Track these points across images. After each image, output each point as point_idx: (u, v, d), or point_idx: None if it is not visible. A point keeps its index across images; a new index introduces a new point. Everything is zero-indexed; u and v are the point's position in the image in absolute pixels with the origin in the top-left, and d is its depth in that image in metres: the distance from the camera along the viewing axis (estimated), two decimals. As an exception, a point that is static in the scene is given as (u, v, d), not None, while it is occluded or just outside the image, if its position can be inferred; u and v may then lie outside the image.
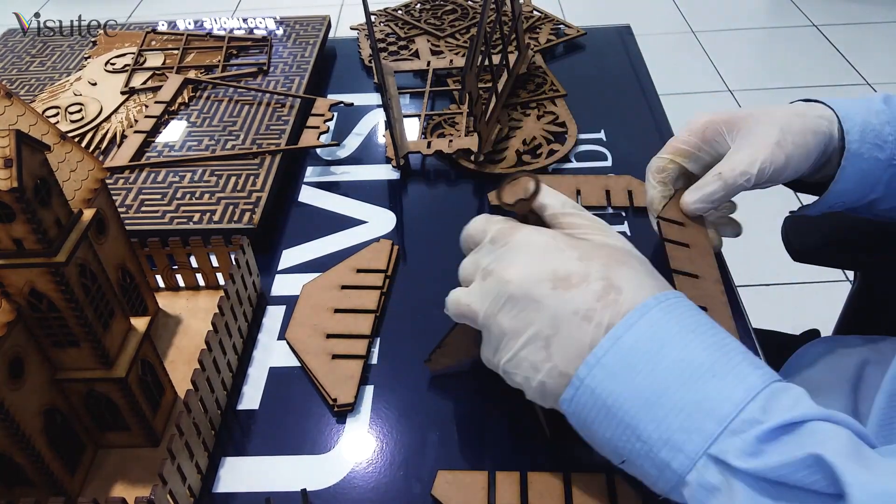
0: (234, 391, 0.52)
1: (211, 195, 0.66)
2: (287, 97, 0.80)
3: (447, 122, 0.77)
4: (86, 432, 0.46)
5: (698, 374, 0.33)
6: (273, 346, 0.55)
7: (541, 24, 0.94)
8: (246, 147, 0.72)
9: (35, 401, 0.41)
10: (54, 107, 0.80)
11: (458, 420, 0.49)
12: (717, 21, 2.60)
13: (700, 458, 0.32)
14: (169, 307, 0.57)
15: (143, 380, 0.45)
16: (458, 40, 0.91)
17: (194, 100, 0.81)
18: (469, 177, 0.71)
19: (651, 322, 0.35)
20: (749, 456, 0.31)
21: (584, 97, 0.80)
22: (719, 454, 0.32)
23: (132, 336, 0.45)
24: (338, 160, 0.74)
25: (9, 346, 0.39)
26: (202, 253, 0.56)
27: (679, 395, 0.33)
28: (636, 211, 0.65)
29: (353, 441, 0.48)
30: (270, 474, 0.46)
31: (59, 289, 0.38)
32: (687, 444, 0.33)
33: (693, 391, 0.33)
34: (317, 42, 0.90)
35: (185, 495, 0.43)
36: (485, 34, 0.66)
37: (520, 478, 0.44)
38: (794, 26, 2.53)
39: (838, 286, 1.53)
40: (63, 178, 0.45)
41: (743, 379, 0.33)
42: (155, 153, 0.73)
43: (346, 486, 0.45)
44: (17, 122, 0.43)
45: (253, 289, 0.57)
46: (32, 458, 0.41)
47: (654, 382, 0.34)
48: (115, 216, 0.51)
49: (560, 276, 0.38)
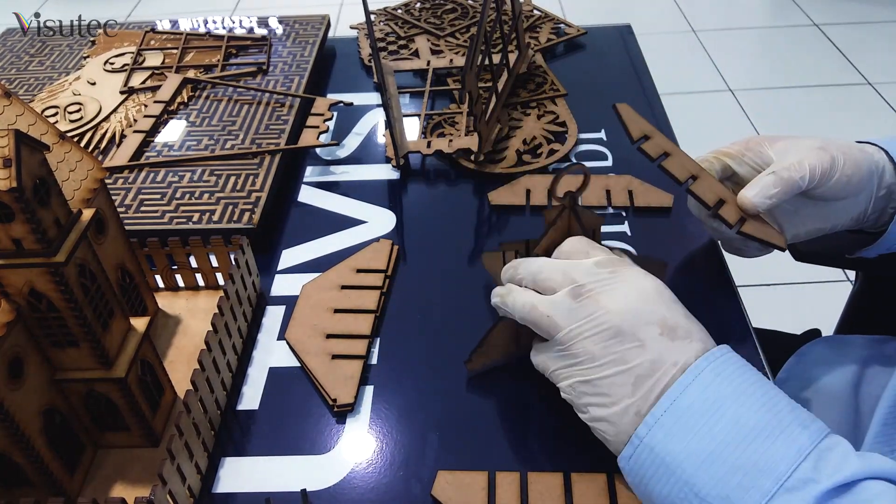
0: (234, 391, 0.52)
1: (210, 195, 0.66)
2: (286, 97, 0.79)
3: (447, 122, 0.77)
4: (85, 432, 0.46)
5: (752, 435, 0.36)
6: (273, 346, 0.55)
7: (541, 24, 0.94)
8: (245, 147, 0.72)
9: (34, 401, 0.41)
10: (53, 106, 0.80)
11: (458, 420, 0.49)
12: (718, 20, 2.60)
13: None
14: (168, 307, 0.57)
15: (143, 380, 0.45)
16: (458, 39, 0.91)
17: (193, 99, 0.81)
18: (469, 177, 0.71)
19: (704, 384, 0.38)
20: None
21: (585, 97, 0.80)
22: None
23: (132, 336, 0.45)
24: (337, 160, 0.74)
25: (8, 346, 0.38)
26: (202, 253, 0.56)
27: (735, 455, 0.36)
28: (636, 211, 0.65)
29: (353, 441, 0.48)
30: (270, 474, 0.46)
31: (58, 289, 0.38)
32: (745, 501, 0.35)
33: (749, 451, 0.36)
34: (316, 41, 0.90)
35: (185, 495, 0.43)
36: (485, 33, 0.66)
37: (520, 478, 0.44)
38: (795, 25, 2.53)
39: (839, 286, 1.53)
40: (62, 177, 0.45)
41: (794, 440, 0.36)
42: (154, 153, 0.72)
43: (346, 487, 0.45)
44: (16, 122, 0.43)
45: (252, 289, 0.57)
46: (32, 458, 0.40)
47: (712, 443, 0.36)
48: (115, 216, 0.51)
49: (669, 325, 0.40)
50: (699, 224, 0.59)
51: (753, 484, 0.35)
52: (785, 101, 2.16)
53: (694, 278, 0.59)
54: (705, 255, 0.61)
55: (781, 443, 0.36)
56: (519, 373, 0.51)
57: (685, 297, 0.42)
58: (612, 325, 0.40)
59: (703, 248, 0.61)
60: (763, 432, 0.36)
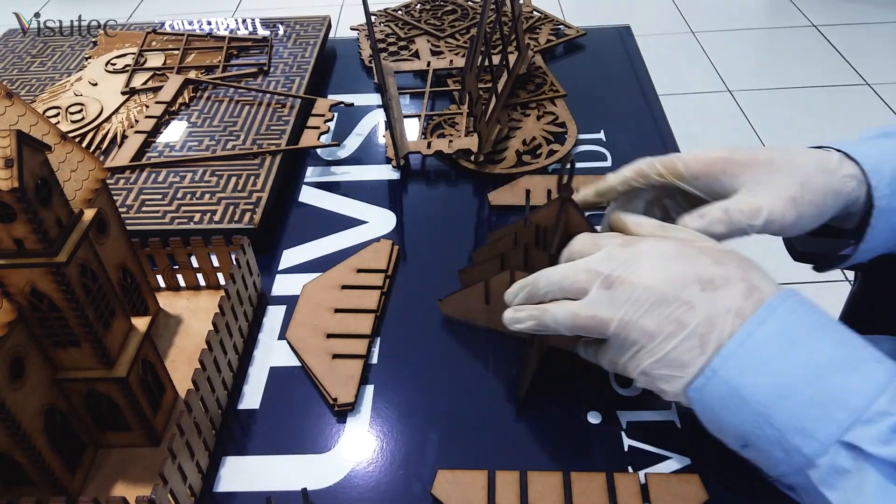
0: (235, 391, 0.52)
1: (211, 195, 0.66)
2: (287, 97, 0.80)
3: (447, 123, 0.77)
4: (86, 432, 0.46)
5: (828, 369, 0.37)
6: (273, 345, 0.55)
7: (541, 25, 0.94)
8: (246, 147, 0.72)
9: (36, 400, 0.41)
10: (55, 107, 0.80)
11: (458, 420, 0.49)
12: (717, 21, 2.60)
13: (833, 444, 0.36)
14: (170, 307, 0.57)
15: (144, 379, 0.45)
16: (458, 40, 0.91)
17: (195, 100, 0.81)
18: (469, 177, 0.71)
19: (779, 320, 0.38)
20: (882, 444, 0.34)
21: (584, 97, 0.80)
22: (853, 440, 0.35)
23: (133, 336, 0.45)
24: (338, 160, 0.74)
25: (10, 345, 0.39)
26: (203, 253, 0.56)
27: (813, 388, 0.37)
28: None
29: (353, 441, 0.48)
30: (271, 474, 0.46)
31: (59, 289, 0.38)
32: (821, 432, 0.36)
33: (825, 385, 0.37)
34: (317, 42, 0.90)
35: (186, 494, 0.43)
36: (485, 34, 0.66)
37: (520, 477, 0.44)
38: (794, 26, 2.54)
39: (839, 286, 1.53)
40: (64, 178, 0.45)
41: (871, 374, 0.37)
42: (155, 153, 0.73)
43: (347, 486, 0.45)
44: (18, 123, 0.43)
45: (253, 289, 0.57)
46: (33, 457, 0.41)
47: (787, 376, 0.37)
48: (116, 216, 0.51)
49: (705, 279, 0.40)
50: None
51: (829, 416, 0.36)
52: (783, 101, 2.16)
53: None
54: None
55: (857, 377, 0.36)
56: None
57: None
58: (655, 298, 0.40)
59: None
60: (838, 366, 0.37)
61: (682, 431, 0.47)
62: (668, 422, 0.48)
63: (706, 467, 0.45)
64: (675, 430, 0.47)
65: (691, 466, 0.45)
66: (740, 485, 0.44)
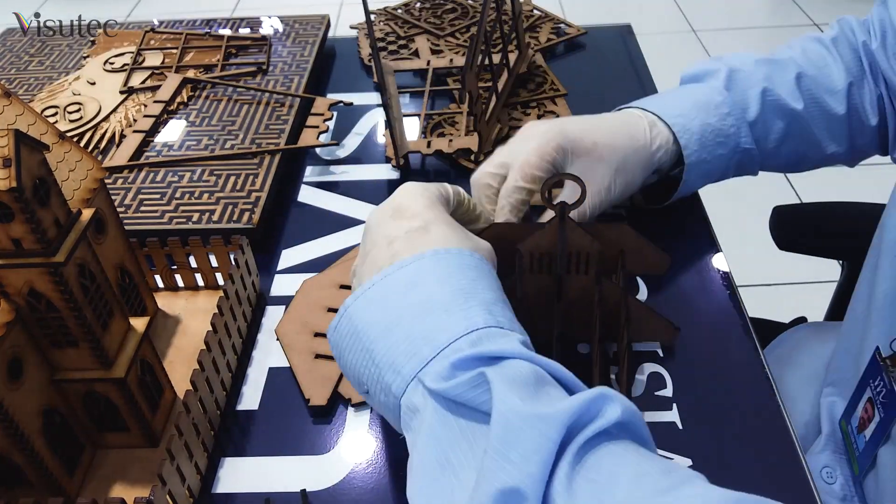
0: (234, 391, 0.51)
1: (210, 195, 0.66)
2: (286, 96, 0.79)
3: (447, 122, 0.77)
4: (85, 432, 0.46)
5: (434, 309, 0.36)
6: (272, 346, 0.55)
7: (541, 24, 0.94)
8: (245, 147, 0.72)
9: (34, 401, 0.41)
10: (53, 106, 0.80)
11: (458, 420, 0.49)
12: (718, 20, 2.60)
13: (412, 380, 0.35)
14: (168, 307, 0.57)
15: (142, 380, 0.45)
16: (458, 39, 0.91)
17: (193, 99, 0.81)
18: (469, 177, 0.70)
19: (419, 267, 0.38)
20: (442, 379, 0.33)
21: (585, 96, 0.80)
22: (422, 377, 0.34)
23: (131, 336, 0.45)
24: (337, 160, 0.74)
25: (8, 346, 0.38)
26: (201, 253, 0.56)
27: (411, 325, 0.36)
28: (636, 210, 0.65)
29: (353, 441, 0.48)
30: (270, 475, 0.46)
31: (57, 289, 0.38)
32: (405, 367, 0.35)
33: (424, 323, 0.36)
34: (316, 41, 0.90)
35: (185, 495, 0.43)
36: (485, 33, 0.66)
37: (520, 478, 0.44)
38: (795, 25, 2.53)
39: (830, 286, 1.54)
40: (62, 177, 0.45)
41: (470, 316, 0.35)
42: (154, 153, 0.72)
43: (346, 487, 0.45)
44: (16, 122, 0.43)
45: (252, 289, 0.57)
46: (31, 458, 0.40)
47: (396, 313, 0.37)
48: (114, 216, 0.51)
49: (400, 209, 0.42)
50: (700, 221, 0.59)
51: (415, 351, 0.35)
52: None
53: (694, 273, 0.59)
54: (705, 253, 0.60)
55: (457, 318, 0.35)
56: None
57: (686, 289, 0.42)
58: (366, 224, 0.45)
59: (703, 245, 0.61)
60: (445, 307, 0.36)
61: (682, 432, 0.47)
62: (669, 422, 0.48)
63: (707, 468, 0.45)
64: (676, 430, 0.47)
65: (692, 467, 0.45)
66: (741, 485, 0.44)
